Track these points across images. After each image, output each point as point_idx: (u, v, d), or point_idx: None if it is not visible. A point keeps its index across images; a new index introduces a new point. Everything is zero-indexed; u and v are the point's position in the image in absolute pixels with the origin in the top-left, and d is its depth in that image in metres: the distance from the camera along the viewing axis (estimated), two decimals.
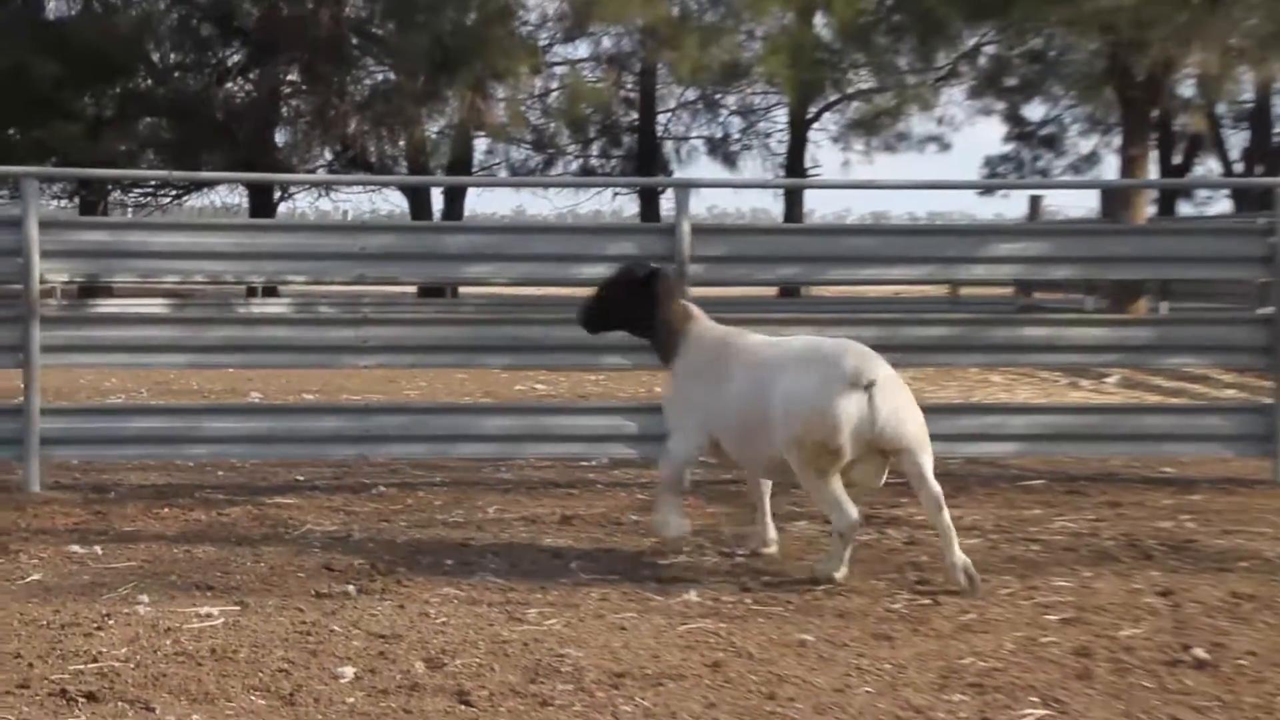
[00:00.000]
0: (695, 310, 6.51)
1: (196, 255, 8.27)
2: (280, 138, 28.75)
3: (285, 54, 26.88)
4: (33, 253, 7.80)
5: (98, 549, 6.38)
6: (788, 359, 5.95)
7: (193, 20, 27.84)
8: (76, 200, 29.17)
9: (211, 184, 32.20)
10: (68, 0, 27.41)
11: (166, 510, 7.34)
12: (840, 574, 5.87)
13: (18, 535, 6.67)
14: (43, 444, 7.87)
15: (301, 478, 8.35)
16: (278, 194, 30.32)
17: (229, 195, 36.65)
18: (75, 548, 6.40)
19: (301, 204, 34.11)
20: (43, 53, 24.24)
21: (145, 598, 5.50)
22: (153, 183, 30.49)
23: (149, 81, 27.77)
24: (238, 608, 5.36)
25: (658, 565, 6.20)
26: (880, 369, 5.76)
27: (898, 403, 5.74)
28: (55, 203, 30.21)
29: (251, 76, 28.63)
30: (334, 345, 8.24)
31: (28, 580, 5.84)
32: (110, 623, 5.13)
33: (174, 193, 31.35)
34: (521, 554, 6.43)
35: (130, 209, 30.65)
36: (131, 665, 4.61)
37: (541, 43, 29.03)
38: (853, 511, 5.77)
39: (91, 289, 23.33)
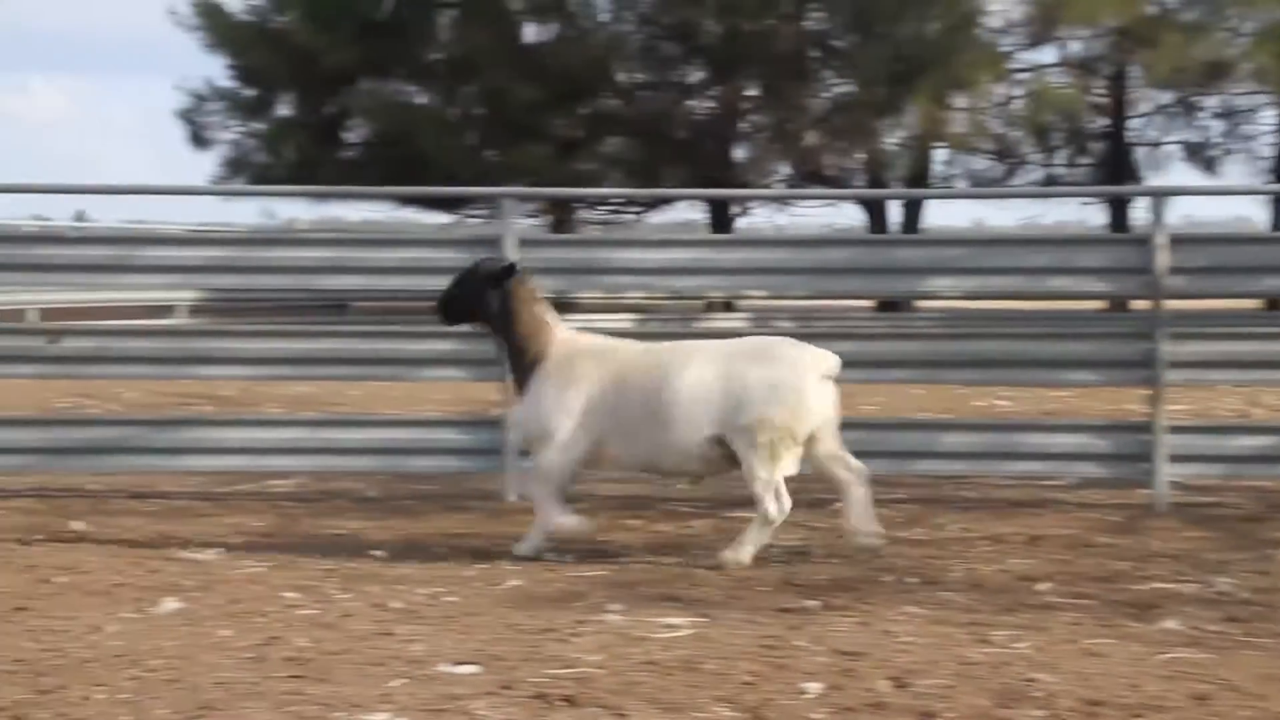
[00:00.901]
0: (553, 314, 6.83)
1: (660, 271, 8.55)
2: (739, 153, 29.33)
3: (745, 70, 27.43)
4: None
5: (570, 558, 6.70)
6: (745, 352, 6.54)
7: (657, 40, 28.76)
8: (548, 219, 30.61)
9: (672, 200, 33.16)
10: (545, 25, 28.71)
11: (633, 521, 7.62)
12: (749, 561, 6.39)
13: (498, 543, 7.07)
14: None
15: None
16: (735, 209, 30.93)
17: (688, 211, 37.61)
18: (549, 556, 6.74)
19: (759, 219, 34.60)
20: (521, 77, 25.62)
21: (615, 607, 5.72)
22: (617, 200, 31.67)
23: (616, 102, 28.88)
24: (703, 619, 5.51)
25: (1132, 590, 6.00)
26: (838, 364, 6.54)
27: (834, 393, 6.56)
28: (527, 221, 31.79)
29: (712, 94, 29.33)
30: None
31: (507, 586, 6.18)
32: (584, 630, 5.37)
33: (637, 210, 32.46)
34: (986, 574, 6.34)
35: (596, 226, 31.94)
36: (605, 672, 4.81)
37: (1005, 49, 28.51)
38: (788, 503, 6.42)
39: (560, 304, 24.41)
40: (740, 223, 32.02)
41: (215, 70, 32.13)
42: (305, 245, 8.62)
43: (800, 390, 6.42)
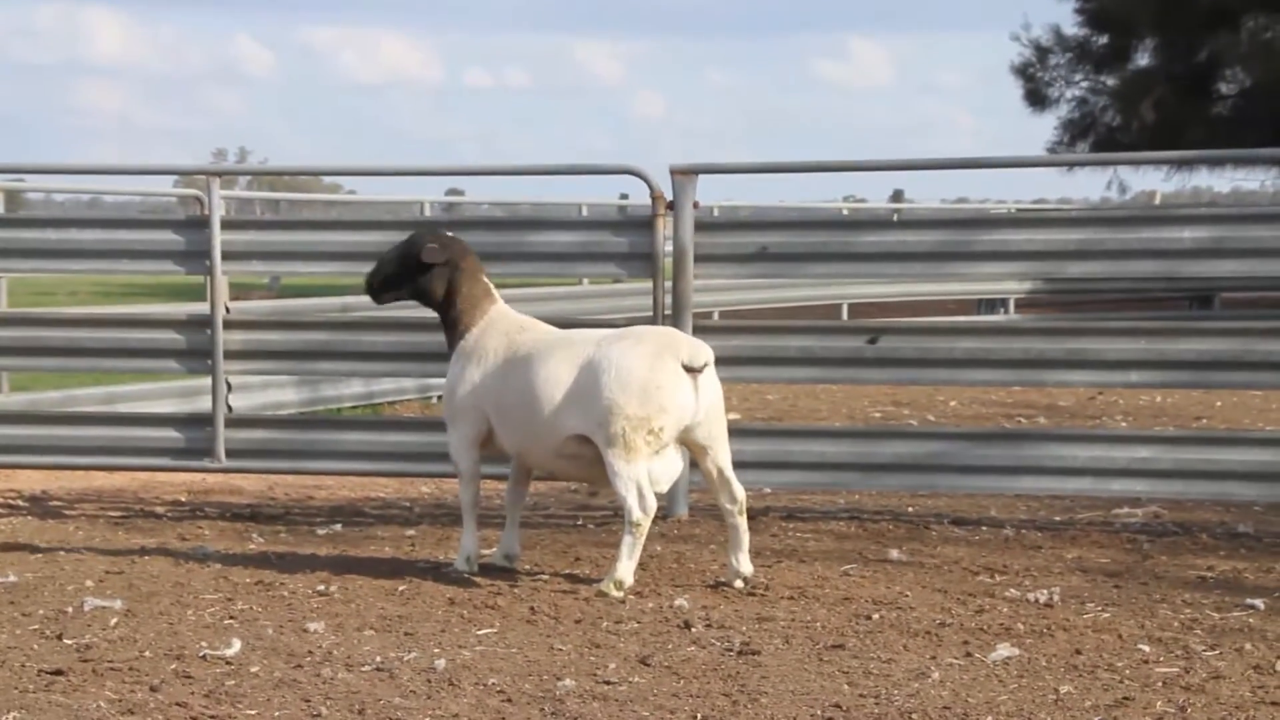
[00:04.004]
0: (495, 292, 7.44)
1: None
2: None
3: None
4: None
5: None
6: (610, 337, 7.08)
7: None
8: None
9: None
10: None
11: None
12: (631, 579, 6.87)
13: None
14: None
15: None
16: None
17: None
18: None
19: None
20: None
21: None
22: None
23: None
24: None
25: None
26: (710, 356, 6.98)
27: (717, 395, 7.05)
28: None
29: None
30: None
31: None
32: None
33: None
34: None
35: None
36: None
37: None
38: (652, 500, 6.87)
39: None
40: None
41: (1062, 16, 32.52)
42: (1167, 224, 8.54)
43: (655, 375, 6.86)
